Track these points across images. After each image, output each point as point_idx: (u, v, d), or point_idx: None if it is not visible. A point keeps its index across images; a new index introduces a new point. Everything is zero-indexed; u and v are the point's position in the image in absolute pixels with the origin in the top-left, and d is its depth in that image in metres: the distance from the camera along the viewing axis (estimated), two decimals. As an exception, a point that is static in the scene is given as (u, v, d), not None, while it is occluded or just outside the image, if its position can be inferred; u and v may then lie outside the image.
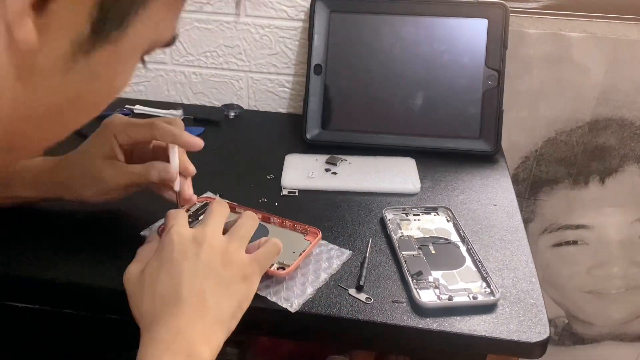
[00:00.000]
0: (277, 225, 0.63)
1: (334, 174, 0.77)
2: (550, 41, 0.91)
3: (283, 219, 0.63)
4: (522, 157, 1.01)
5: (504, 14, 0.83)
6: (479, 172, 0.81)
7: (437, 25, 0.85)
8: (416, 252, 0.61)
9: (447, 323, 0.53)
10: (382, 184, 0.76)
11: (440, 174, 0.80)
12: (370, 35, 0.86)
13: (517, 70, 0.93)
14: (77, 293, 0.57)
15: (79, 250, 0.60)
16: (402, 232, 0.65)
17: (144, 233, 0.62)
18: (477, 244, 0.63)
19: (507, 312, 0.54)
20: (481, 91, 0.84)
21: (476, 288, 0.56)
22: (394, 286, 0.57)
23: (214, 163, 0.80)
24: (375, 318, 0.53)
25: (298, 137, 0.87)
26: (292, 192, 0.73)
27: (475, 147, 0.84)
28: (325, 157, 0.81)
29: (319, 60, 0.87)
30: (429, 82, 0.86)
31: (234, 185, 0.75)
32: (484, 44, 0.84)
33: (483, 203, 0.73)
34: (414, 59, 0.86)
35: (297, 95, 0.99)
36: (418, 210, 0.69)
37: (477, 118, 0.85)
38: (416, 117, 0.86)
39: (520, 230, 0.67)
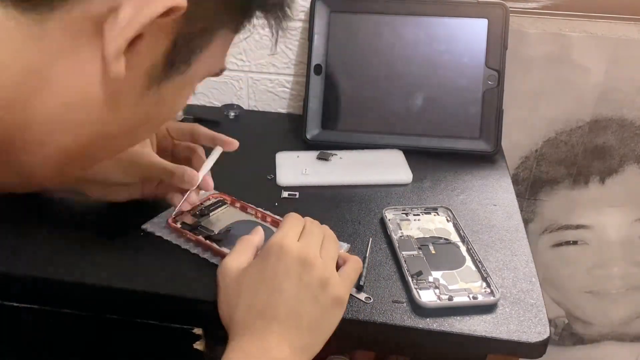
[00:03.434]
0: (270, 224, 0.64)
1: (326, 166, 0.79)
2: (550, 41, 0.91)
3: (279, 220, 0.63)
4: (522, 157, 1.01)
5: (504, 14, 0.83)
6: (479, 172, 0.81)
7: (437, 25, 0.85)
8: (416, 252, 0.61)
9: (447, 323, 0.53)
10: (376, 176, 0.77)
11: (440, 174, 0.80)
12: (370, 35, 0.86)
13: (517, 70, 0.93)
14: (77, 293, 0.57)
15: (79, 250, 0.60)
16: (402, 232, 0.65)
17: (145, 226, 0.63)
18: (477, 244, 0.63)
19: (507, 312, 0.54)
20: (481, 91, 0.84)
21: (476, 288, 0.56)
22: (394, 286, 0.57)
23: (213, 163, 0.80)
24: (375, 318, 0.53)
25: (298, 137, 0.87)
26: (293, 195, 0.73)
27: (475, 147, 0.84)
28: (316, 154, 0.82)
29: (319, 60, 0.87)
30: (429, 82, 0.86)
31: (234, 186, 0.75)
32: (484, 44, 0.84)
33: (483, 203, 0.73)
34: (414, 59, 0.86)
35: (297, 95, 0.99)
36: (418, 210, 0.69)
37: (477, 118, 0.85)
38: (416, 117, 0.86)
39: (520, 230, 0.67)
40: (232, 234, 0.62)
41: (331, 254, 0.53)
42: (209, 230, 0.62)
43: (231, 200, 0.68)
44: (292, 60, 0.97)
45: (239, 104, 1.00)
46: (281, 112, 1.01)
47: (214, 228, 0.63)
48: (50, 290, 0.58)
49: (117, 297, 0.56)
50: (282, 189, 0.74)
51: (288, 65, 0.97)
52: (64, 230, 0.63)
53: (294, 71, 0.97)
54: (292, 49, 0.95)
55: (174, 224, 0.62)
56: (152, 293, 0.55)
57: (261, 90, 1.00)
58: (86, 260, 0.58)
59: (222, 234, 0.62)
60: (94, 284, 0.56)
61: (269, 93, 1.00)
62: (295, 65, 0.97)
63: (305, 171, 0.77)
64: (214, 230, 0.62)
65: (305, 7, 0.91)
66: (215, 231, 0.62)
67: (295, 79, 0.98)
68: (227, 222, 0.64)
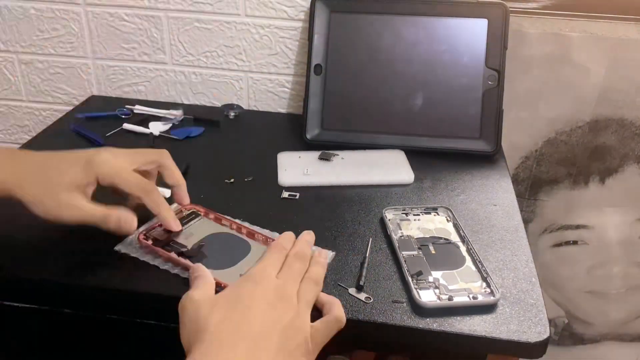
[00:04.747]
0: (260, 242, 0.61)
1: (328, 166, 0.79)
2: (550, 41, 0.91)
3: (267, 237, 0.61)
4: (522, 157, 1.01)
5: (504, 14, 0.83)
6: (479, 172, 0.81)
7: (437, 25, 0.85)
8: (416, 252, 0.61)
9: (447, 323, 0.53)
10: (378, 177, 0.77)
11: (440, 174, 0.80)
12: (370, 35, 0.86)
13: (517, 70, 0.93)
14: (77, 293, 0.57)
15: (78, 250, 0.60)
16: (402, 232, 0.65)
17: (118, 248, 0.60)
18: (477, 244, 0.63)
19: (507, 312, 0.54)
20: (481, 91, 0.84)
21: (476, 288, 0.56)
22: (394, 286, 0.57)
23: (213, 163, 0.80)
24: (375, 318, 0.53)
25: (298, 137, 0.87)
26: (293, 196, 0.73)
27: (475, 147, 0.84)
28: (318, 154, 0.82)
29: (319, 60, 0.87)
30: (429, 82, 0.86)
31: (234, 185, 0.75)
32: (484, 44, 0.84)
33: (483, 203, 0.73)
34: (414, 59, 0.86)
35: (297, 95, 0.99)
36: (418, 210, 0.69)
37: (477, 118, 0.85)
38: (416, 117, 0.86)
39: (520, 230, 0.67)
40: (205, 249, 0.59)
41: (307, 297, 0.50)
42: (181, 245, 0.59)
43: (205, 212, 0.65)
44: (292, 60, 0.97)
45: (239, 104, 1.00)
46: (281, 112, 1.01)
47: (186, 243, 0.60)
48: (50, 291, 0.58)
49: (117, 298, 0.56)
50: (282, 189, 0.74)
51: (288, 65, 0.97)
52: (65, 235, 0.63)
53: (294, 71, 0.97)
54: (292, 49, 0.95)
55: (145, 241, 0.59)
56: (153, 293, 0.55)
57: (261, 90, 1.00)
58: (87, 263, 0.59)
59: (195, 249, 0.59)
60: (94, 286, 0.56)
61: (269, 93, 1.00)
62: (295, 65, 0.97)
63: (307, 171, 0.77)
64: (187, 245, 0.59)
65: (305, 7, 0.92)
66: (188, 247, 0.59)
67: (295, 79, 0.98)
68: (201, 236, 0.61)
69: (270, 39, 0.95)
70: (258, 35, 0.95)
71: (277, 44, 0.95)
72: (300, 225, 0.63)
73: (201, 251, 0.59)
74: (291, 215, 0.68)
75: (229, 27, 0.95)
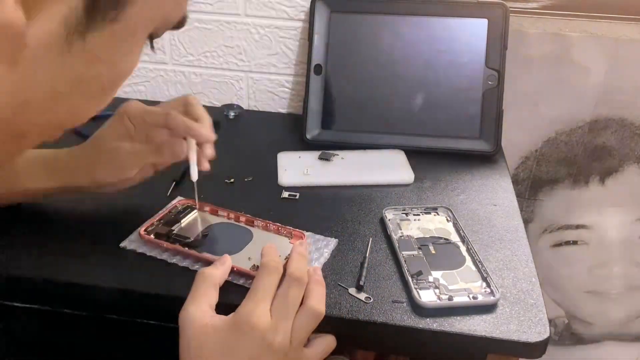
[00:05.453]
0: (260, 228, 0.62)
1: (328, 166, 0.79)
2: (550, 41, 0.91)
3: (267, 222, 0.62)
4: (522, 157, 1.01)
5: (504, 14, 0.83)
6: (479, 172, 0.81)
7: (437, 25, 0.85)
8: (416, 252, 0.61)
9: (447, 323, 0.53)
10: (378, 177, 0.77)
11: (440, 174, 0.80)
12: (370, 35, 0.86)
13: (517, 70, 0.93)
14: (77, 293, 0.57)
15: (78, 250, 0.60)
16: (402, 232, 0.65)
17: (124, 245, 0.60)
18: (477, 244, 0.63)
19: (507, 312, 0.54)
20: (481, 91, 0.84)
21: (476, 288, 0.56)
22: (394, 286, 0.57)
23: (213, 163, 0.80)
24: (375, 318, 0.53)
25: (298, 137, 0.87)
26: (293, 196, 0.73)
27: (475, 147, 0.84)
28: (318, 154, 0.82)
29: (319, 60, 0.87)
30: (429, 82, 0.86)
31: (234, 185, 0.75)
32: (484, 44, 0.84)
33: (483, 203, 0.73)
34: (414, 59, 0.86)
35: (297, 95, 0.99)
36: (418, 210, 0.69)
37: (477, 118, 0.85)
38: (416, 117, 0.86)
39: (520, 230, 0.67)
40: (209, 238, 0.60)
41: (301, 337, 0.48)
42: (184, 237, 0.60)
43: (199, 206, 0.65)
44: (292, 60, 0.97)
45: (239, 104, 1.00)
46: (281, 112, 1.01)
47: (188, 234, 0.60)
48: (51, 291, 0.58)
49: (116, 298, 0.56)
50: (282, 189, 0.74)
51: (288, 65, 0.97)
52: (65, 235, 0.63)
53: (294, 71, 0.97)
54: (292, 49, 0.95)
55: (147, 236, 0.59)
56: (152, 294, 0.55)
57: (261, 90, 1.00)
58: (87, 263, 0.59)
59: (200, 240, 0.60)
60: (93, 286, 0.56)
61: (269, 93, 1.00)
62: (295, 65, 0.97)
63: (307, 171, 0.77)
64: (190, 236, 0.60)
65: (305, 7, 0.92)
66: (191, 237, 0.60)
67: (295, 79, 0.98)
68: (200, 228, 0.62)
69: (270, 39, 0.95)
70: (258, 35, 0.95)
71: (277, 44, 0.95)
72: (300, 225, 0.63)
73: (207, 240, 0.59)
74: (290, 215, 0.68)
75: (229, 27, 0.95)
